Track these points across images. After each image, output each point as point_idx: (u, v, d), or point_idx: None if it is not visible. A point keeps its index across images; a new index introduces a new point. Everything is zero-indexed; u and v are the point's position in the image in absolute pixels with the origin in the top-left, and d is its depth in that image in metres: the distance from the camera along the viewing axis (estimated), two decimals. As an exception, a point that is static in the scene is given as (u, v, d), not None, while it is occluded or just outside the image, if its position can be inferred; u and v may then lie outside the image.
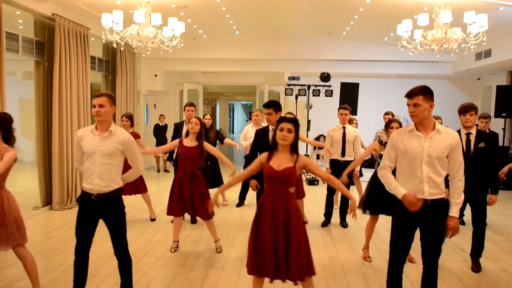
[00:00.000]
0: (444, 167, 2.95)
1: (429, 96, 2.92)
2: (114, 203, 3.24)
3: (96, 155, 3.15)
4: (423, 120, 2.94)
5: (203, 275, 4.15)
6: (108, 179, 3.16)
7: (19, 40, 6.09)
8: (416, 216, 2.97)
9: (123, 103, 9.31)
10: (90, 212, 3.24)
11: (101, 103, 3.14)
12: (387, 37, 10.04)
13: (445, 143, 2.90)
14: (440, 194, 2.95)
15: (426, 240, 3.03)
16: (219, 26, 9.51)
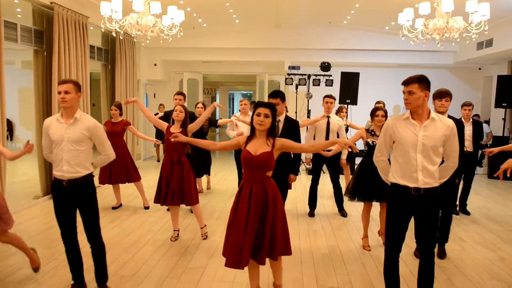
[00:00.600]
0: (439, 155, 2.96)
1: (424, 85, 2.91)
2: (85, 189, 3.27)
3: (63, 142, 3.18)
4: (417, 109, 2.93)
5: (203, 264, 4.18)
6: (76, 165, 3.20)
7: (17, 29, 6.05)
8: (410, 205, 3.00)
9: (122, 92, 9.27)
10: (63, 198, 3.27)
11: (67, 90, 3.13)
12: (388, 26, 9.97)
13: (440, 132, 2.91)
14: (434, 183, 2.97)
15: (420, 229, 3.05)
16: (219, 15, 9.44)
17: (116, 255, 4.35)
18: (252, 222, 3.02)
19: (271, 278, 3.57)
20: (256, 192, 3.05)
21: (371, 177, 4.47)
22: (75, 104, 3.20)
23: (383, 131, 3.13)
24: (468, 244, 4.94)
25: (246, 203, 3.05)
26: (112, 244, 4.70)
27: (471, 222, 5.91)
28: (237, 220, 3.07)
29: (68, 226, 3.32)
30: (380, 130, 4.48)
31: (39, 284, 3.63)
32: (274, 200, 3.08)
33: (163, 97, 12.12)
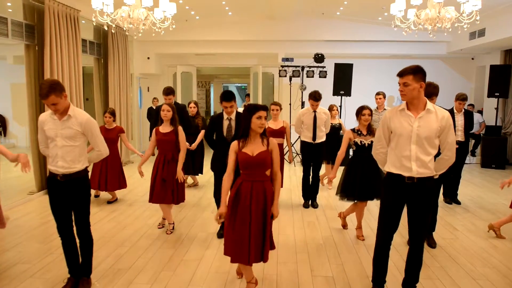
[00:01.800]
0: (434, 146, 2.98)
1: (419, 76, 2.92)
2: (78, 184, 3.29)
3: (58, 138, 3.20)
4: (413, 100, 2.96)
5: (199, 256, 4.21)
6: (71, 160, 3.22)
7: (8, 24, 5.99)
8: (404, 194, 3.05)
9: (115, 86, 9.23)
10: (58, 192, 3.30)
11: (53, 102, 3.08)
12: (381, 17, 9.96)
13: (435, 123, 2.93)
14: (428, 173, 3.00)
15: (412, 217, 3.09)
16: (212, 7, 9.39)
17: (112, 249, 4.37)
18: (256, 221, 3.13)
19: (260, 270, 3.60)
20: (257, 191, 3.16)
21: (362, 177, 4.53)
22: (66, 105, 3.19)
23: (382, 123, 3.18)
24: (460, 232, 5.00)
25: (248, 202, 3.14)
26: (108, 237, 4.72)
27: (464, 210, 5.98)
28: (240, 219, 3.14)
29: (64, 220, 3.35)
30: (366, 129, 4.56)
31: (35, 279, 3.65)
32: (270, 199, 3.21)
33: (157, 90, 12.05)
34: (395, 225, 3.15)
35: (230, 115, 4.51)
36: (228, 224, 3.20)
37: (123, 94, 9.55)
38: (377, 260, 3.25)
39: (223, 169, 4.55)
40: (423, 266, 3.94)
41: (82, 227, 3.36)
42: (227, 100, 4.39)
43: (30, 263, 3.98)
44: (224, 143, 4.47)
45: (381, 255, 3.22)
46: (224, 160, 4.54)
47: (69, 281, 3.43)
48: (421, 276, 3.72)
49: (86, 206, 3.36)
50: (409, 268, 3.18)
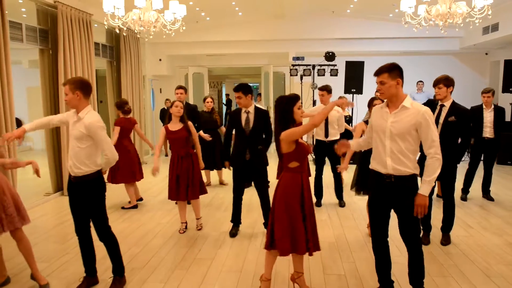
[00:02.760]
0: (410, 145, 2.89)
1: (395, 73, 2.90)
2: (88, 186, 3.29)
3: (70, 138, 3.29)
4: (391, 97, 2.94)
5: (211, 255, 4.25)
6: (78, 162, 3.24)
7: (22, 29, 6.12)
8: (386, 194, 3.01)
9: (128, 88, 9.34)
10: (72, 192, 3.37)
11: (65, 92, 3.21)
12: (392, 14, 9.90)
13: (411, 120, 2.86)
14: (405, 171, 2.91)
15: (400, 220, 3.03)
16: (222, 7, 9.44)
17: (126, 248, 4.44)
18: (309, 211, 3.17)
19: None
20: (307, 182, 3.20)
21: None
22: (77, 104, 3.23)
23: (372, 115, 3.20)
24: (475, 230, 4.95)
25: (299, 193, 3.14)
26: (122, 237, 4.79)
27: (478, 207, 5.91)
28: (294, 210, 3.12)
29: (80, 219, 3.41)
30: None
31: (52, 278, 3.73)
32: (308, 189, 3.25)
33: (169, 92, 12.17)
34: (384, 224, 3.11)
35: (247, 108, 4.58)
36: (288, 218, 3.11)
37: (135, 96, 9.66)
38: (376, 261, 3.24)
39: (243, 165, 4.65)
40: (436, 264, 3.94)
41: (100, 230, 3.39)
42: (234, 90, 4.55)
43: (48, 262, 4.07)
44: (243, 136, 4.58)
45: (378, 255, 3.20)
46: (244, 156, 4.60)
47: (85, 280, 3.50)
48: (434, 274, 3.71)
49: (99, 210, 3.37)
50: (411, 270, 3.12)
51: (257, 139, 4.63)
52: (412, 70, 10.35)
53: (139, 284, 3.60)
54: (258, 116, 4.61)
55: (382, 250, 3.18)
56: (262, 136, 4.71)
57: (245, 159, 4.61)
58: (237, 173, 4.71)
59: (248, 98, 4.55)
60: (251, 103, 4.60)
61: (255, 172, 4.65)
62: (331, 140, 5.94)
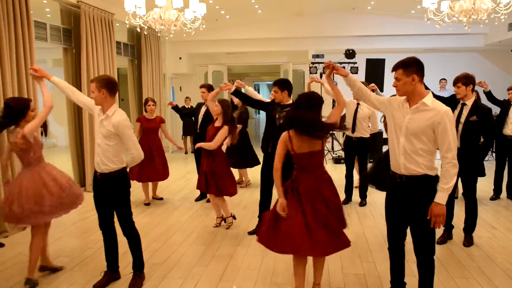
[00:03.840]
0: (425, 145, 2.72)
1: (411, 69, 2.72)
2: (114, 183, 3.35)
3: (98, 135, 3.34)
4: (408, 94, 2.78)
5: (230, 252, 4.27)
6: (106, 159, 3.30)
7: (47, 28, 6.26)
8: (400, 196, 2.86)
9: (149, 86, 9.46)
10: (98, 188, 3.44)
11: (91, 90, 3.28)
12: (414, 10, 9.73)
13: (428, 119, 2.68)
14: (418, 171, 2.74)
15: (411, 226, 2.87)
16: (241, 5, 9.45)
17: (147, 244, 4.51)
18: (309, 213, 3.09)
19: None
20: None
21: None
22: (103, 101, 3.28)
23: (391, 98, 3.03)
24: (499, 231, 4.84)
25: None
26: (143, 233, 4.81)
27: (502, 208, 5.78)
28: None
29: (104, 215, 3.49)
30: None
31: (74, 272, 3.82)
32: None
33: (189, 90, 12.27)
34: (397, 227, 2.99)
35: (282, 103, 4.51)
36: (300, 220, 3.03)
37: (156, 94, 9.78)
38: (391, 263, 3.15)
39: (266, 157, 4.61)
40: (459, 265, 3.87)
41: (124, 226, 3.46)
42: (273, 84, 4.54)
43: (70, 256, 4.17)
44: (272, 128, 4.57)
45: (392, 257, 3.12)
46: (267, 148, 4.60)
47: (106, 275, 3.57)
48: (456, 275, 3.65)
49: (124, 206, 3.43)
50: (420, 277, 2.97)
51: None
52: (434, 67, 10.16)
53: (159, 280, 3.66)
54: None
55: (396, 252, 3.08)
56: None
57: (267, 151, 4.61)
58: (262, 166, 4.71)
59: (284, 94, 4.48)
60: (287, 99, 4.52)
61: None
62: (358, 137, 5.86)
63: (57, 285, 3.58)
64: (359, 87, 3.15)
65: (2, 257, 4.19)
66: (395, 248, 3.08)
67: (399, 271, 3.15)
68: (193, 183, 7.01)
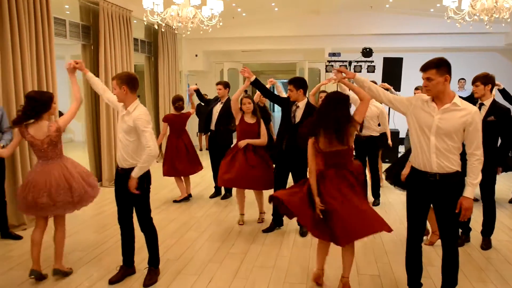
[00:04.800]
0: (455, 143, 2.80)
1: (444, 69, 2.77)
2: (140, 176, 3.34)
3: (119, 131, 3.38)
4: (439, 94, 2.81)
5: (244, 249, 4.28)
6: (126, 154, 3.34)
7: (66, 25, 6.35)
8: (428, 192, 2.92)
9: (165, 83, 9.52)
10: (118, 183, 3.49)
11: (113, 87, 3.33)
12: (433, 8, 9.58)
13: (460, 119, 2.75)
14: (450, 169, 2.83)
15: (440, 219, 2.96)
16: (258, 3, 9.43)
17: (162, 239, 4.51)
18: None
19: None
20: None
21: None
22: (124, 98, 3.32)
23: (411, 97, 3.06)
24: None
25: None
26: (158, 228, 4.83)
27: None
28: None
29: (123, 209, 3.53)
30: None
31: (90, 266, 3.87)
32: None
33: (205, 87, 12.26)
34: (422, 225, 3.06)
35: (298, 101, 4.52)
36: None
37: (172, 91, 9.83)
38: (408, 263, 3.16)
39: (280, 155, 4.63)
40: (476, 268, 3.81)
41: (142, 221, 3.49)
42: (287, 83, 4.54)
43: (86, 251, 4.23)
44: (287, 126, 4.57)
45: (413, 255, 3.12)
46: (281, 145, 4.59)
47: (121, 269, 3.60)
48: (473, 279, 3.59)
49: (143, 202, 3.46)
50: (444, 272, 3.04)
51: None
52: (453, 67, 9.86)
53: (173, 275, 3.68)
54: (308, 113, 4.43)
55: (416, 249, 3.10)
56: None
57: (281, 148, 4.61)
58: (276, 164, 4.71)
59: (299, 92, 4.48)
60: (302, 97, 4.52)
61: (292, 164, 4.57)
62: (367, 136, 5.80)
63: (73, 279, 3.62)
64: (368, 86, 3.20)
65: (21, 249, 4.27)
66: (415, 245, 3.10)
67: (417, 270, 3.15)
68: (208, 179, 7.07)
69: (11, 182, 4.79)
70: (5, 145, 4.43)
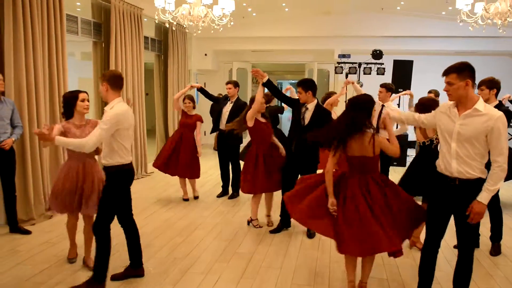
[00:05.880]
0: (477, 149, 2.75)
1: (465, 74, 2.73)
2: (110, 178, 3.35)
3: None
4: (460, 99, 2.78)
5: (252, 250, 4.27)
6: (105, 153, 3.31)
7: (78, 22, 6.38)
8: (448, 196, 2.88)
9: (174, 82, 9.54)
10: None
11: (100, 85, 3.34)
12: (445, 11, 9.51)
13: (482, 124, 2.69)
14: (471, 174, 2.78)
15: (458, 225, 2.91)
16: (269, 3, 9.43)
17: (169, 238, 4.55)
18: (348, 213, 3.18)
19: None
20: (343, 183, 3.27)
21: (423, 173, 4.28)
22: (106, 95, 3.29)
23: (437, 108, 3.10)
24: (527, 240, 4.69)
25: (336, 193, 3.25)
26: (165, 227, 4.91)
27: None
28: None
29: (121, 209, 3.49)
30: None
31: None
32: None
33: (213, 86, 12.30)
34: (441, 233, 3.01)
35: (307, 103, 4.52)
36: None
37: (181, 89, 9.84)
38: (422, 267, 3.12)
39: (289, 156, 4.67)
40: (485, 275, 3.77)
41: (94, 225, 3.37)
42: (296, 85, 4.57)
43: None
44: (296, 127, 4.59)
45: (427, 262, 3.09)
46: (291, 146, 4.59)
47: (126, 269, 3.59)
48: (482, 285, 3.55)
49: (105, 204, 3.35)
50: (456, 278, 3.00)
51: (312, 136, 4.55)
52: (464, 70, 9.90)
53: (180, 274, 3.68)
54: (317, 115, 4.47)
55: (432, 253, 3.07)
56: None
57: (291, 150, 4.61)
58: (285, 165, 4.71)
59: (308, 94, 4.47)
60: (311, 99, 4.51)
61: (301, 166, 4.55)
62: None
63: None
64: (406, 118, 3.31)
65: (29, 244, 4.29)
66: (432, 251, 3.07)
67: (430, 275, 3.12)
68: (215, 179, 7.08)
69: (20, 177, 4.83)
70: (16, 139, 4.50)
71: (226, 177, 6.37)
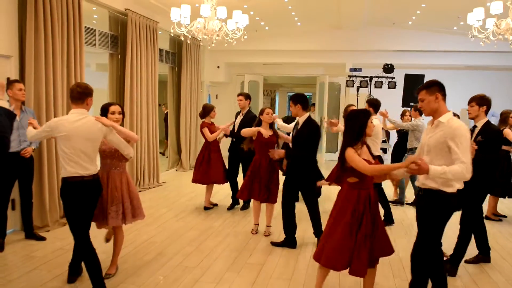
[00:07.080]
0: (445, 161, 2.83)
1: (434, 89, 2.95)
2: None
3: None
4: (433, 113, 2.98)
5: (262, 260, 4.31)
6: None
7: (96, 34, 6.56)
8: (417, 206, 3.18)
9: (187, 93, 9.69)
10: None
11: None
12: (456, 26, 9.55)
13: (442, 135, 2.87)
14: (433, 186, 2.92)
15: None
16: (281, 17, 9.56)
17: (181, 247, 4.61)
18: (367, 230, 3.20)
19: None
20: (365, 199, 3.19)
21: None
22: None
23: None
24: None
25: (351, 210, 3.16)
26: (177, 236, 4.98)
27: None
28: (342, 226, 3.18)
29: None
30: None
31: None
32: None
33: (225, 98, 12.46)
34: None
35: (298, 117, 4.64)
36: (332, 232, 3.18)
37: (193, 101, 10.00)
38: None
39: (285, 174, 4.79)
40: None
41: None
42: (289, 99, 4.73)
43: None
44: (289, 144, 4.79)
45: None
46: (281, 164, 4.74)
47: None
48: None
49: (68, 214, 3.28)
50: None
51: (296, 151, 4.59)
52: (475, 85, 9.90)
53: (191, 283, 3.73)
54: (304, 129, 4.53)
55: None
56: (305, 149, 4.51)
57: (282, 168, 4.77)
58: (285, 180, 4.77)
59: (297, 108, 4.55)
60: (301, 113, 4.57)
61: (297, 181, 4.63)
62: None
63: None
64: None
65: (44, 250, 4.39)
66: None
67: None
68: (226, 189, 7.13)
69: (36, 184, 4.94)
70: (36, 147, 4.63)
71: (235, 188, 6.39)
